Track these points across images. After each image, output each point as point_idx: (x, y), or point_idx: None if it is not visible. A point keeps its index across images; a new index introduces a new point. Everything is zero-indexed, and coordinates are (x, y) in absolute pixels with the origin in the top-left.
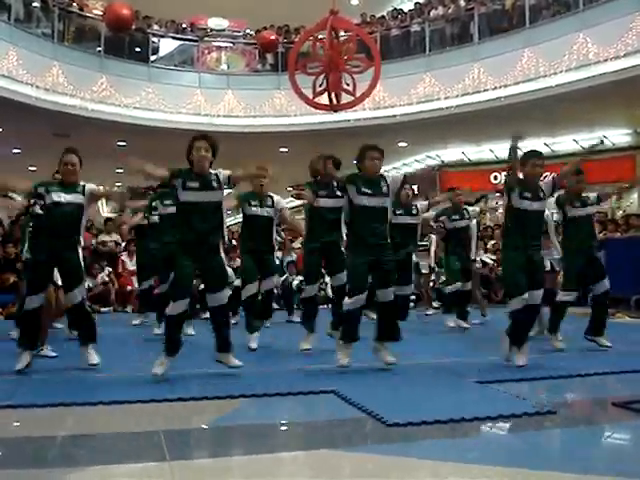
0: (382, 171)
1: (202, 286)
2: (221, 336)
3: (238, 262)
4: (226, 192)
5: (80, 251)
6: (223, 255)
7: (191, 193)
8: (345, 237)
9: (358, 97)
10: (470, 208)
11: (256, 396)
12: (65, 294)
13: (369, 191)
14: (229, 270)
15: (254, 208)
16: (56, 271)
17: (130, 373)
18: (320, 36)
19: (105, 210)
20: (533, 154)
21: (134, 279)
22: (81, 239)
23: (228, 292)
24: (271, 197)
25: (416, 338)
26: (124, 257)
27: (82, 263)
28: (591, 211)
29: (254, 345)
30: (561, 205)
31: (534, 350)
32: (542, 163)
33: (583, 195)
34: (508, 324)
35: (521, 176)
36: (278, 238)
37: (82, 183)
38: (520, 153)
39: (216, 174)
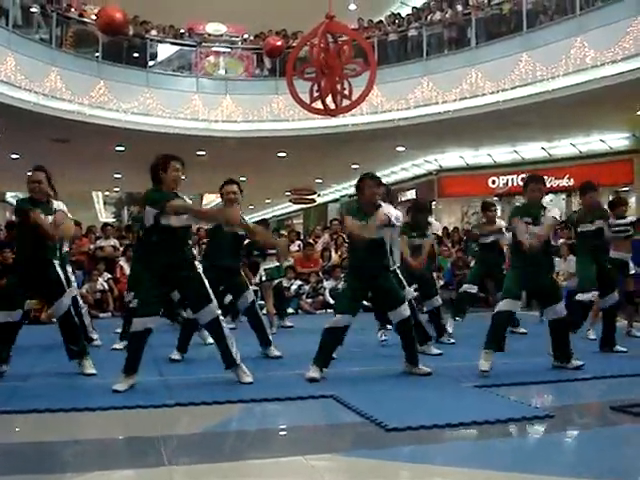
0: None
1: None
2: (221, 350)
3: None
4: None
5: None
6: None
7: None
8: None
9: (354, 101)
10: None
11: (255, 401)
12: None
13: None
14: None
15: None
16: None
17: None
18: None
19: (103, 215)
20: (531, 179)
21: None
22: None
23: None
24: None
25: None
26: (122, 262)
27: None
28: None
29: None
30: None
31: (532, 354)
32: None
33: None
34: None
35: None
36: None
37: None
38: None
39: None
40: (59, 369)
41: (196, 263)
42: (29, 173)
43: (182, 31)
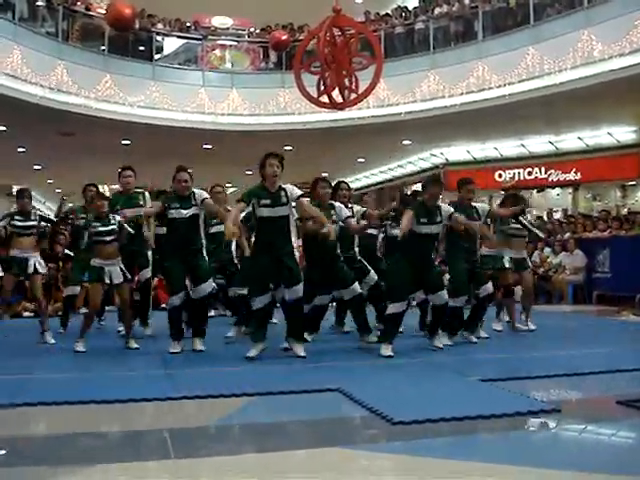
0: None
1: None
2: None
3: None
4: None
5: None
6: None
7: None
8: None
9: (361, 94)
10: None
11: (260, 394)
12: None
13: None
14: None
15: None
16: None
17: (135, 372)
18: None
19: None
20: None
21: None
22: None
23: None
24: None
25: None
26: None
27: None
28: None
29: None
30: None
31: (536, 348)
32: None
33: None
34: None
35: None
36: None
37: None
38: None
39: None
40: (65, 362)
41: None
42: (179, 174)
43: (188, 24)
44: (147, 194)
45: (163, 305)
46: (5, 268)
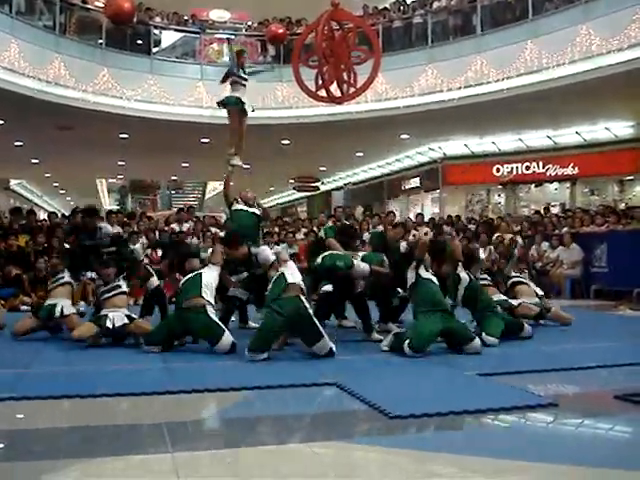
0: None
1: None
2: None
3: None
4: None
5: None
6: None
7: None
8: None
9: (359, 88)
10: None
11: (258, 388)
12: None
13: None
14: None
15: None
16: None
17: (132, 365)
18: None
19: (107, 202)
20: None
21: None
22: None
23: None
24: None
25: None
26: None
27: None
28: None
29: None
30: None
31: (535, 343)
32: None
33: None
34: None
35: None
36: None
37: None
38: None
39: None
40: (62, 357)
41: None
42: None
43: (186, 18)
44: None
45: None
46: None
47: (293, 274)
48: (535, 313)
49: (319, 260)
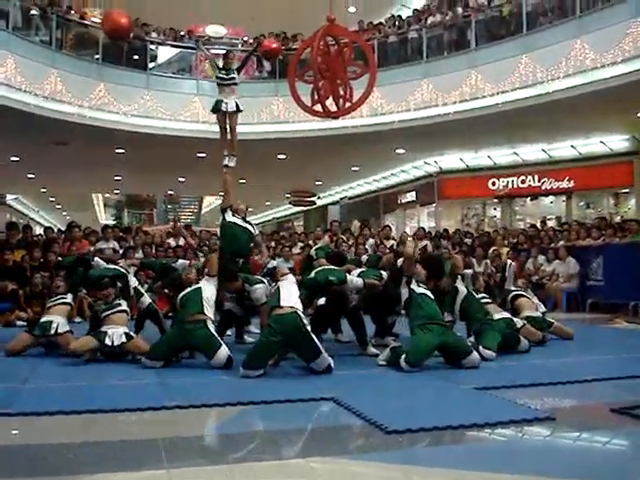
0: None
1: None
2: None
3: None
4: None
5: None
6: None
7: None
8: None
9: (355, 103)
10: None
11: (255, 404)
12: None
13: None
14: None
15: None
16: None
17: (129, 381)
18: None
19: (103, 217)
20: None
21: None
22: None
23: None
24: None
25: None
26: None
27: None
28: None
29: None
30: None
31: (530, 356)
32: None
33: None
34: None
35: None
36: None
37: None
38: None
39: None
40: (58, 372)
41: None
42: None
43: (182, 33)
44: None
45: None
46: None
47: (289, 290)
48: (538, 339)
49: (312, 275)
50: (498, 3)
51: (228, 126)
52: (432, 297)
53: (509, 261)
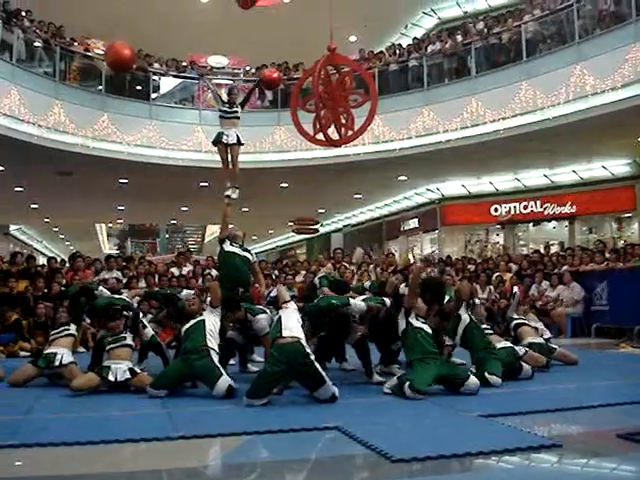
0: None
1: None
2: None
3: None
4: None
5: None
6: None
7: None
8: None
9: (356, 131)
10: None
11: (259, 433)
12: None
13: None
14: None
15: None
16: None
17: (133, 412)
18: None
19: (106, 247)
20: None
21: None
22: None
23: None
24: None
25: None
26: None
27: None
28: None
29: None
30: None
31: (534, 383)
32: None
33: None
34: None
35: None
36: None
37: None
38: None
39: None
40: (62, 403)
41: None
42: None
43: (184, 64)
44: None
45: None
46: None
47: (291, 319)
48: (542, 364)
49: (315, 301)
50: (498, 30)
51: (230, 158)
52: (429, 331)
53: (515, 287)
